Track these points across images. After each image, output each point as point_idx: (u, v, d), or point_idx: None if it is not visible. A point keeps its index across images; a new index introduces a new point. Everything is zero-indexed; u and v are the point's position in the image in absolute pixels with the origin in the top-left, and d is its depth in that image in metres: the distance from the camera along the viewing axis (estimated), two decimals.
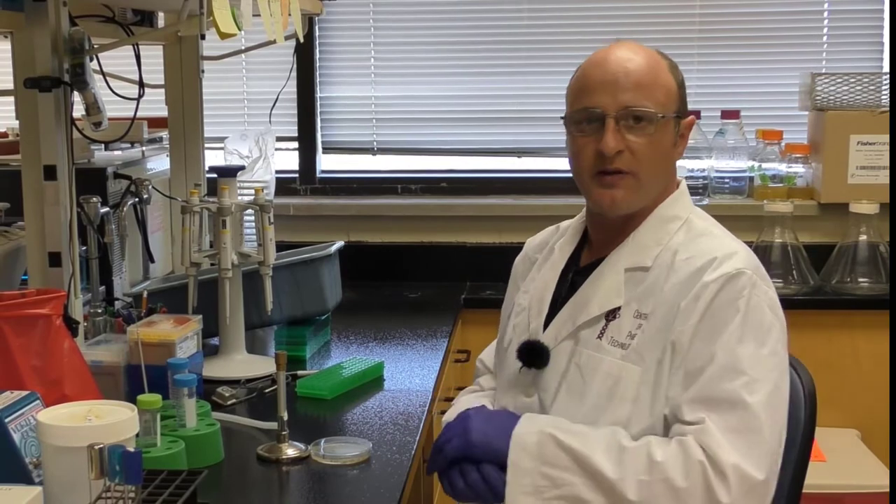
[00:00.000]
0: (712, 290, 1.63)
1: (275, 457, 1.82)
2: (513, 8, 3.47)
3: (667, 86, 1.73)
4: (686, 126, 1.77)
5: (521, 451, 1.63)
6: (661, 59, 1.76)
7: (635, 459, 1.57)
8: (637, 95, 1.70)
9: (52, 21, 1.89)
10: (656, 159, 1.73)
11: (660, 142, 1.72)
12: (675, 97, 1.74)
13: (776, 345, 1.64)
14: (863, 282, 3.15)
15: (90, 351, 2.00)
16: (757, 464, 1.55)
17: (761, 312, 1.64)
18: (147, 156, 2.87)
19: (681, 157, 1.80)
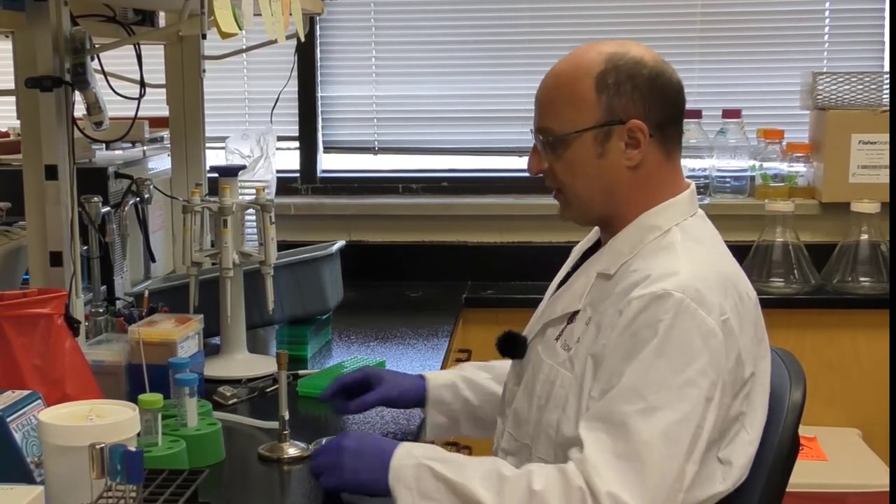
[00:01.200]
0: (635, 307, 1.56)
1: (276, 456, 1.82)
2: (514, 7, 3.47)
3: (578, 98, 1.66)
4: (630, 129, 1.65)
5: (399, 485, 1.58)
6: (587, 65, 1.66)
7: (514, 489, 1.52)
8: (543, 117, 1.71)
9: (53, 21, 1.89)
10: (577, 176, 1.69)
11: (576, 160, 1.68)
12: (590, 107, 1.65)
13: (698, 376, 1.52)
14: (864, 281, 3.15)
15: (91, 350, 2.00)
16: (638, 494, 1.46)
17: (686, 339, 1.53)
18: (148, 155, 2.87)
19: (633, 163, 1.66)
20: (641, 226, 1.69)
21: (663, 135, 1.69)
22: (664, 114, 1.69)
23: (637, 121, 1.65)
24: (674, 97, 1.71)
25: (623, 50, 1.68)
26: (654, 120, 1.67)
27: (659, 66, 1.69)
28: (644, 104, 1.66)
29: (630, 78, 1.66)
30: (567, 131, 1.67)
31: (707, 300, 1.56)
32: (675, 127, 1.73)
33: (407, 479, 1.58)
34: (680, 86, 1.73)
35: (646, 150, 1.67)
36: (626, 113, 1.65)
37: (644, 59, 1.68)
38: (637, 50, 1.69)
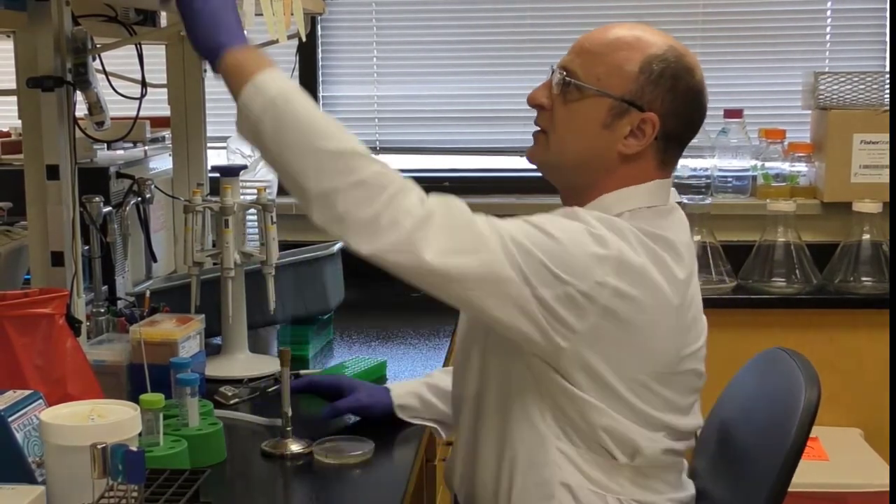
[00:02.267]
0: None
1: (279, 452, 1.82)
2: (516, 7, 3.47)
3: (619, 64, 1.65)
4: (643, 121, 1.65)
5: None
6: (646, 43, 1.67)
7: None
8: (577, 60, 1.68)
9: (54, 21, 1.89)
10: (572, 130, 1.68)
11: (580, 114, 1.67)
12: (625, 79, 1.64)
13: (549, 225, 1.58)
14: (866, 281, 3.15)
15: (93, 350, 1.99)
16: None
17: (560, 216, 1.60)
18: (149, 155, 2.87)
19: (628, 151, 1.66)
20: (595, 206, 1.68)
21: (666, 146, 1.69)
22: (680, 128, 1.69)
23: (654, 115, 1.65)
24: (696, 121, 1.71)
25: (682, 51, 1.70)
26: (668, 127, 1.67)
27: (702, 86, 1.71)
28: (670, 107, 1.66)
29: (674, 77, 1.66)
30: (591, 85, 1.66)
31: (618, 230, 1.58)
32: (678, 145, 1.72)
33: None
34: (704, 115, 1.73)
35: (646, 147, 1.67)
36: (651, 104, 1.65)
37: (695, 71, 1.70)
38: (693, 60, 1.71)
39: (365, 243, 1.53)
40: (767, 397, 1.87)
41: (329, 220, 1.54)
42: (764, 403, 1.88)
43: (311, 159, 1.53)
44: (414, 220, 1.53)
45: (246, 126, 1.58)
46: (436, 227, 1.53)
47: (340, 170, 1.53)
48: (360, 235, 1.53)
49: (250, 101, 1.57)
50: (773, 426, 1.78)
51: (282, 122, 1.54)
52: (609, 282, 1.56)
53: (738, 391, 2.01)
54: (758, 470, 1.75)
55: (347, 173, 1.53)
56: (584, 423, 1.65)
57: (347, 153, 1.54)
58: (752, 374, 2.01)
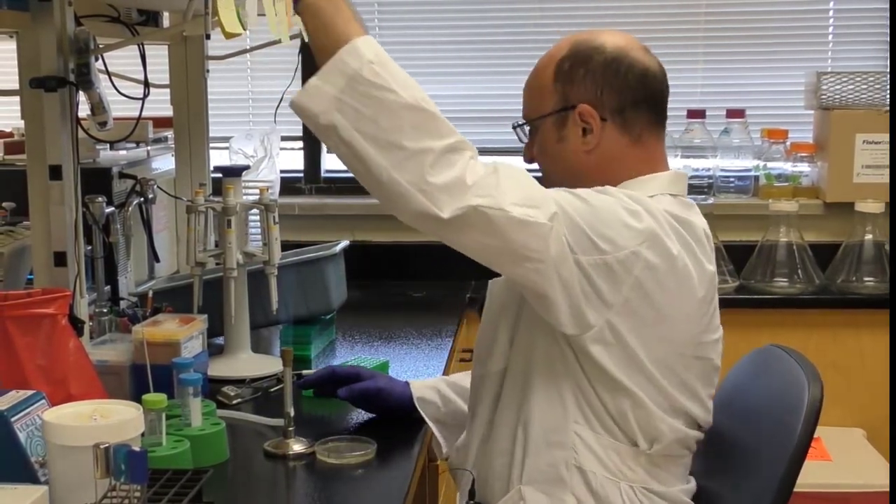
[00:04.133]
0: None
1: (282, 452, 1.82)
2: (518, 8, 3.47)
3: (541, 86, 1.75)
4: (581, 114, 1.71)
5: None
6: (553, 54, 1.75)
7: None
8: (524, 104, 1.81)
9: (57, 21, 1.89)
10: (547, 160, 1.79)
11: (542, 144, 1.78)
12: (549, 94, 1.73)
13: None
14: (868, 281, 3.15)
15: (95, 350, 2.00)
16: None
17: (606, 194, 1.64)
18: (152, 155, 2.87)
19: (588, 147, 1.72)
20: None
21: (623, 119, 1.72)
22: (622, 98, 1.71)
23: (586, 105, 1.70)
24: (635, 80, 1.72)
25: (590, 37, 1.74)
26: (608, 105, 1.71)
27: (621, 51, 1.71)
28: (596, 89, 1.71)
29: (583, 63, 1.71)
30: (532, 117, 1.78)
31: (641, 201, 1.63)
32: (641, 111, 1.73)
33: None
34: (646, 70, 1.73)
35: (602, 134, 1.72)
36: (578, 98, 1.71)
37: (604, 45, 1.72)
38: (605, 37, 1.73)
39: (448, 204, 1.52)
40: (768, 395, 1.87)
41: (418, 179, 1.51)
42: (765, 402, 1.87)
43: (410, 116, 1.51)
44: (487, 173, 1.57)
45: (335, 75, 1.51)
46: (504, 178, 1.57)
47: (438, 130, 1.54)
48: (445, 194, 1.52)
49: (354, 50, 1.52)
50: (777, 424, 1.77)
51: (387, 73, 1.51)
52: (642, 252, 1.60)
53: (733, 389, 2.01)
54: (763, 468, 1.75)
55: (445, 135, 1.54)
56: (608, 405, 1.67)
57: (439, 116, 1.55)
58: (747, 372, 2.01)
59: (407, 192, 1.51)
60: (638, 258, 1.60)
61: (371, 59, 1.51)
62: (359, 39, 1.53)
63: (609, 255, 1.59)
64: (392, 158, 1.50)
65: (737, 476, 1.83)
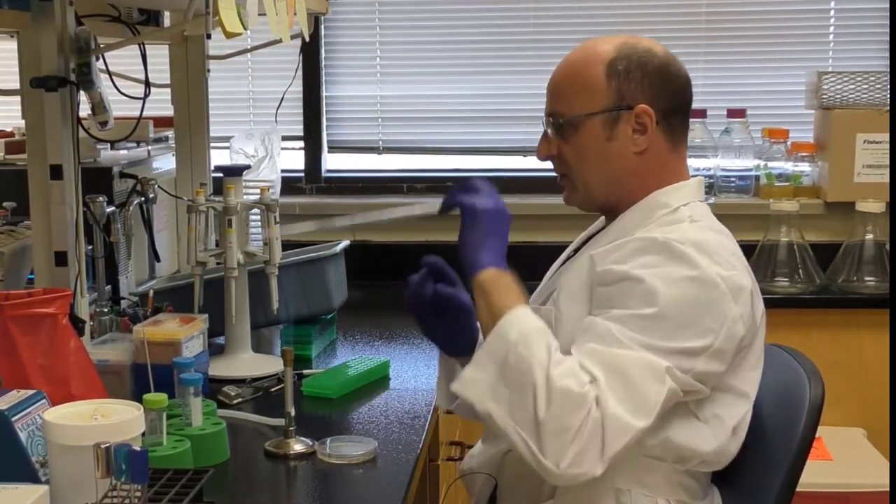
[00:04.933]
0: (633, 245, 1.64)
1: (282, 452, 1.82)
2: (519, 7, 3.47)
3: (588, 83, 1.71)
4: (638, 115, 1.71)
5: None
6: (599, 53, 1.72)
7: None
8: (555, 102, 1.76)
9: (58, 20, 1.89)
10: (585, 160, 1.74)
11: (584, 143, 1.73)
12: (601, 92, 1.71)
13: (693, 326, 1.59)
14: (869, 281, 3.15)
15: (96, 350, 2.00)
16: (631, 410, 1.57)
17: (682, 290, 1.60)
18: (153, 155, 2.87)
19: (639, 148, 1.72)
20: (650, 203, 1.74)
21: (669, 124, 1.74)
22: (671, 103, 1.74)
23: (645, 106, 1.70)
24: (681, 89, 1.76)
25: (634, 41, 1.75)
26: (661, 108, 1.72)
27: (668, 57, 1.76)
28: (652, 92, 1.72)
29: (640, 66, 1.72)
30: (577, 114, 1.72)
31: (710, 250, 1.62)
32: (682, 119, 1.78)
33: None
34: (688, 79, 1.78)
35: (652, 136, 1.72)
36: (635, 99, 1.71)
37: (654, 50, 1.74)
38: (647, 42, 1.76)
39: (589, 471, 1.52)
40: (770, 395, 1.87)
41: (558, 458, 1.51)
42: (767, 401, 1.87)
43: (551, 397, 1.51)
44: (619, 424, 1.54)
45: (487, 361, 1.58)
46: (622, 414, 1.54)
47: (572, 404, 1.52)
48: (583, 468, 1.52)
49: (505, 327, 1.58)
50: (779, 423, 1.78)
51: (529, 352, 1.54)
52: (733, 311, 1.61)
53: None
54: (766, 467, 1.75)
55: (578, 405, 1.52)
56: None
57: (573, 389, 1.52)
58: None
59: (549, 471, 1.51)
60: (735, 322, 1.62)
61: (515, 339, 1.55)
62: (505, 319, 1.57)
63: (712, 345, 1.60)
64: (538, 441, 1.51)
65: (739, 475, 1.83)
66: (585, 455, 1.50)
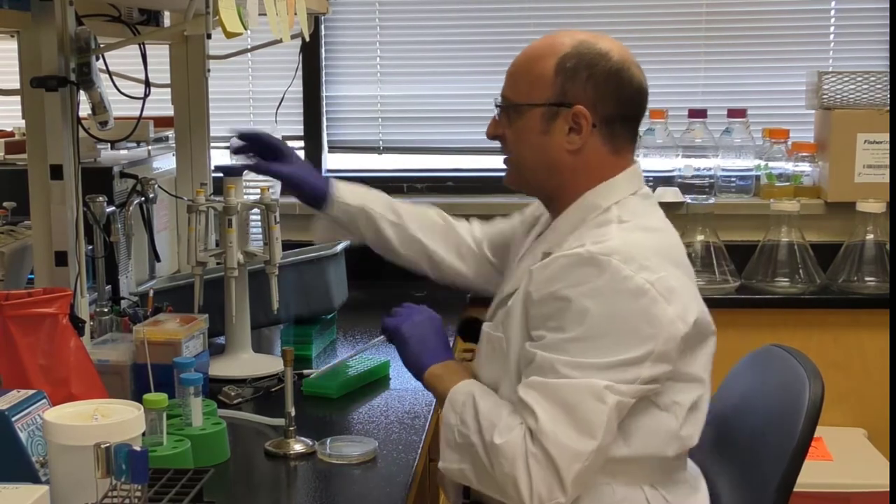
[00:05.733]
0: (560, 263, 1.65)
1: (283, 452, 1.82)
2: (518, 7, 3.47)
3: (538, 74, 1.73)
4: (575, 114, 1.71)
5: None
6: (555, 47, 1.73)
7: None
8: (507, 86, 1.80)
9: (58, 20, 1.89)
10: (523, 147, 1.78)
11: (524, 130, 1.77)
12: (546, 85, 1.72)
13: (628, 340, 1.62)
14: (869, 281, 3.15)
15: (96, 350, 2.00)
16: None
17: (612, 302, 1.62)
18: (153, 155, 2.87)
19: (572, 147, 1.73)
20: (582, 205, 1.76)
21: (610, 130, 1.74)
22: (615, 110, 1.74)
23: (582, 107, 1.71)
24: (630, 96, 1.75)
25: (594, 40, 1.75)
26: (601, 113, 1.73)
27: (624, 63, 1.74)
28: (595, 95, 1.72)
29: (588, 67, 1.72)
30: (521, 102, 1.76)
31: (635, 256, 1.62)
32: (627, 126, 1.77)
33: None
34: (641, 89, 1.76)
35: (587, 138, 1.73)
36: (576, 98, 1.72)
37: (610, 54, 1.73)
38: (608, 44, 1.74)
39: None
40: (769, 393, 1.87)
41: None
42: (765, 399, 1.88)
43: (490, 458, 1.64)
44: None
45: (444, 449, 1.73)
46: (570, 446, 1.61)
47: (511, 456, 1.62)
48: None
49: (446, 413, 1.73)
50: (778, 422, 1.78)
51: (468, 430, 1.68)
52: (668, 313, 1.62)
53: (734, 390, 2.01)
54: (765, 466, 1.75)
55: (516, 455, 1.62)
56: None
57: (503, 442, 1.63)
58: (748, 372, 2.01)
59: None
60: (673, 323, 1.63)
61: (455, 422, 1.70)
62: (445, 405, 1.73)
63: (657, 349, 1.62)
64: (506, 495, 1.63)
65: (739, 474, 1.83)
66: (546, 490, 1.58)
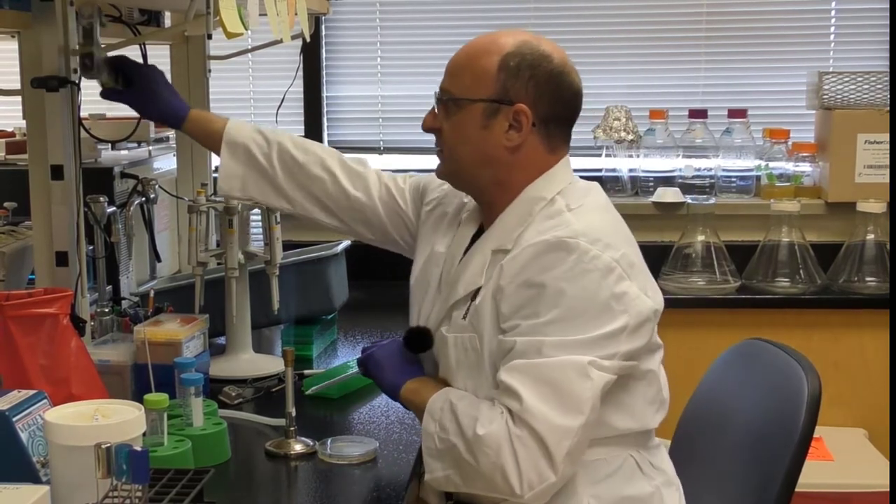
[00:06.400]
0: (529, 252, 1.67)
1: (283, 452, 1.83)
2: (518, 7, 3.47)
3: (481, 70, 1.75)
4: (516, 112, 1.73)
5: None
6: (499, 45, 1.75)
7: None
8: (448, 80, 1.82)
9: (59, 21, 1.89)
10: (458, 141, 1.80)
11: (462, 124, 1.78)
12: (489, 81, 1.74)
13: (603, 316, 1.66)
14: (870, 281, 3.15)
15: (97, 350, 2.00)
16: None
17: (585, 282, 1.65)
18: (154, 155, 2.87)
19: (511, 144, 1.75)
20: (525, 199, 1.78)
21: (547, 130, 1.77)
22: (553, 110, 1.77)
23: (524, 105, 1.74)
24: (568, 99, 1.79)
25: (536, 42, 1.78)
26: (540, 112, 1.75)
27: (564, 66, 1.78)
28: (536, 94, 1.75)
29: (531, 67, 1.74)
30: (461, 96, 1.78)
31: (599, 235, 1.67)
32: (563, 127, 1.80)
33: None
34: (578, 92, 1.80)
35: (527, 136, 1.76)
36: (517, 97, 1.74)
37: (551, 56, 1.77)
38: (549, 47, 1.78)
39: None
40: (766, 391, 1.87)
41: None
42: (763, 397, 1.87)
43: (475, 458, 1.65)
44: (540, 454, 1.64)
45: (427, 459, 1.72)
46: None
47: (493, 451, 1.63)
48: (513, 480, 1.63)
49: (426, 423, 1.73)
50: (777, 418, 1.77)
51: (446, 433, 1.69)
52: (632, 288, 1.68)
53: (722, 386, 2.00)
54: (765, 464, 1.75)
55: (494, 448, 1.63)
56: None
57: (483, 433, 1.64)
58: (734, 368, 2.00)
59: (523, 501, 1.63)
60: (635, 297, 1.68)
61: (434, 430, 1.69)
62: (424, 417, 1.72)
63: (627, 324, 1.66)
64: (496, 489, 1.63)
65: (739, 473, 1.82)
66: (536, 472, 1.60)
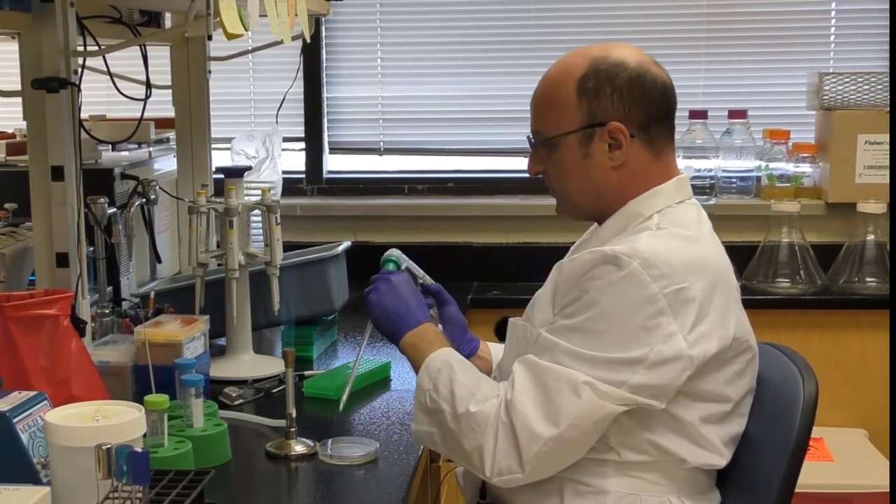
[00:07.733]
0: (583, 259, 1.66)
1: (283, 453, 1.83)
2: (520, 7, 3.47)
3: (560, 103, 1.72)
4: (611, 131, 1.70)
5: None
6: (570, 70, 1.72)
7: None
8: (534, 121, 1.80)
9: (59, 22, 1.89)
10: (565, 176, 1.76)
11: (563, 160, 1.75)
12: (573, 111, 1.71)
13: (630, 339, 1.62)
14: (870, 281, 3.15)
15: (97, 351, 2.00)
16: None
17: (623, 302, 1.62)
18: (154, 156, 2.87)
19: (616, 163, 1.72)
20: (625, 213, 1.75)
21: (648, 134, 1.73)
22: (647, 114, 1.72)
23: (617, 123, 1.70)
24: (657, 96, 1.73)
25: (606, 54, 1.73)
26: (636, 121, 1.71)
27: (642, 66, 1.73)
28: (624, 106, 1.71)
29: (609, 81, 1.70)
30: (552, 134, 1.74)
31: (658, 264, 1.61)
32: (663, 125, 1.75)
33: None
34: (665, 84, 1.75)
35: (629, 150, 1.72)
36: (607, 115, 1.70)
37: (625, 61, 1.72)
38: (621, 52, 1.73)
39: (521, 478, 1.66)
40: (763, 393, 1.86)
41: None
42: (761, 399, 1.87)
43: (461, 426, 1.68)
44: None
45: (417, 411, 1.76)
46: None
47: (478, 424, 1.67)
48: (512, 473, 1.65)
49: (420, 377, 1.76)
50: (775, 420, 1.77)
51: (440, 396, 1.72)
52: (670, 326, 1.61)
53: None
54: (765, 465, 1.75)
55: (483, 426, 1.66)
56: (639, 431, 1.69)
57: (475, 412, 1.67)
58: None
59: (488, 480, 1.68)
60: (674, 337, 1.62)
61: (428, 387, 1.72)
62: (420, 372, 1.76)
63: (652, 355, 1.61)
64: (470, 462, 1.68)
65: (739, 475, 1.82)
66: (506, 462, 1.62)
